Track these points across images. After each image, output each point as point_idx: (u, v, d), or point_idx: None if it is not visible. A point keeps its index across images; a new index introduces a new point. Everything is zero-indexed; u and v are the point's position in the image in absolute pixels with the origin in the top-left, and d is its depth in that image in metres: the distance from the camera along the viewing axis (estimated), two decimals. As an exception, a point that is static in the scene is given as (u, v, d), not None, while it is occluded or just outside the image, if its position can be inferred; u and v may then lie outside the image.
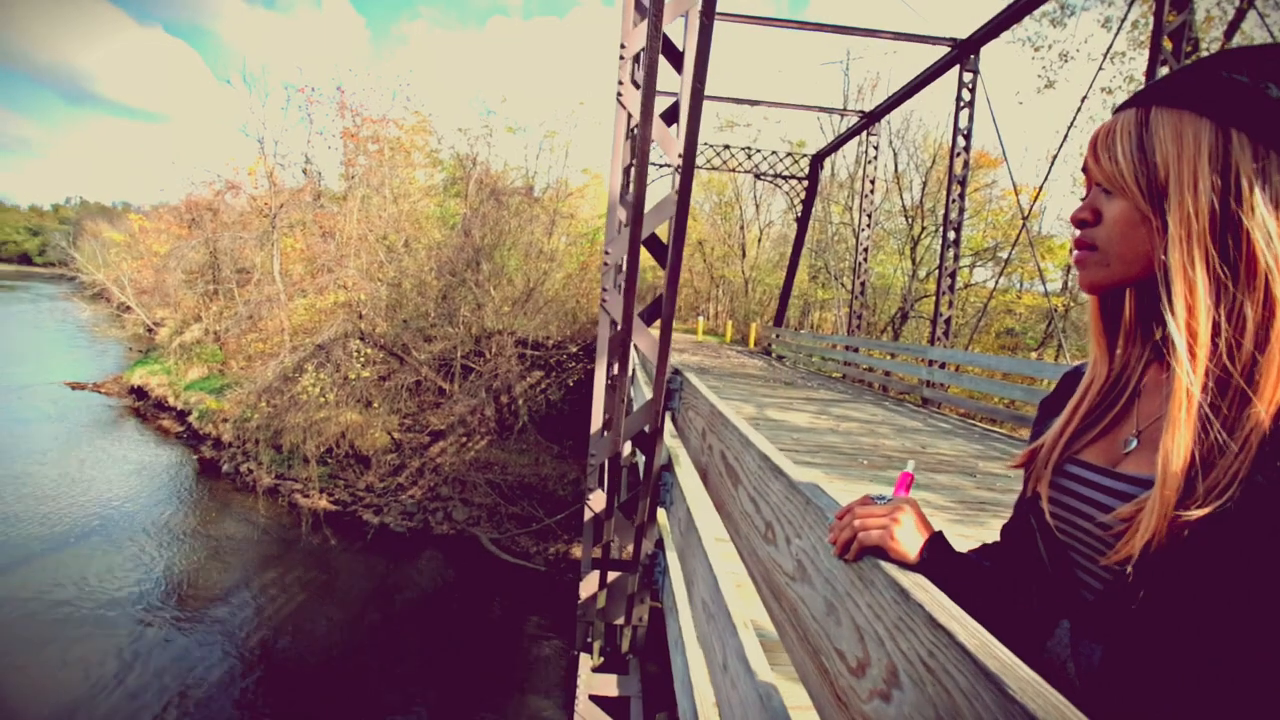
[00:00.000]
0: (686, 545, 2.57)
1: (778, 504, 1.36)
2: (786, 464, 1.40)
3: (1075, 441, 0.82)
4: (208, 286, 22.83)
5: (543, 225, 18.77)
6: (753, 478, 1.57)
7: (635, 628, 3.75)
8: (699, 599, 2.20)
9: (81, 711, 6.87)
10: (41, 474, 13.47)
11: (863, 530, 0.87)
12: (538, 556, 11.55)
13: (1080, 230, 0.77)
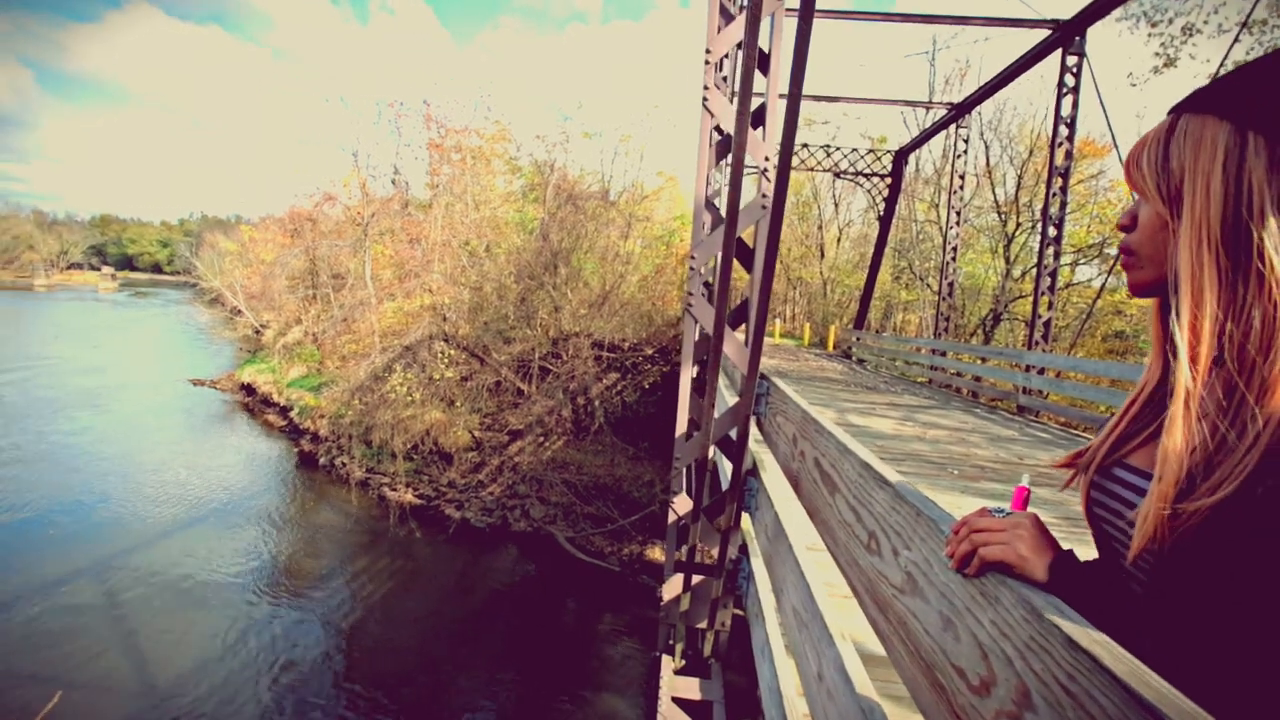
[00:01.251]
0: (774, 552, 2.54)
1: (882, 514, 1.33)
2: (891, 473, 1.38)
3: (1124, 445, 0.83)
4: (307, 291, 24.54)
5: (618, 228, 19.01)
6: (852, 486, 1.55)
7: (718, 632, 3.74)
8: (789, 606, 2.17)
9: (203, 674, 7.54)
10: (172, 461, 14.91)
11: (984, 545, 0.85)
12: (612, 556, 11.68)
13: (1123, 235, 0.81)
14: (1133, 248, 0.79)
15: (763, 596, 2.83)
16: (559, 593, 10.43)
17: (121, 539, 10.79)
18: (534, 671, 8.27)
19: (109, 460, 14.68)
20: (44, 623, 8.32)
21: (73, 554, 10.10)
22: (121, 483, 13.29)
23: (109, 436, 16.55)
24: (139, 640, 8.18)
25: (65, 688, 7.01)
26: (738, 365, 2.98)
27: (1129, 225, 0.80)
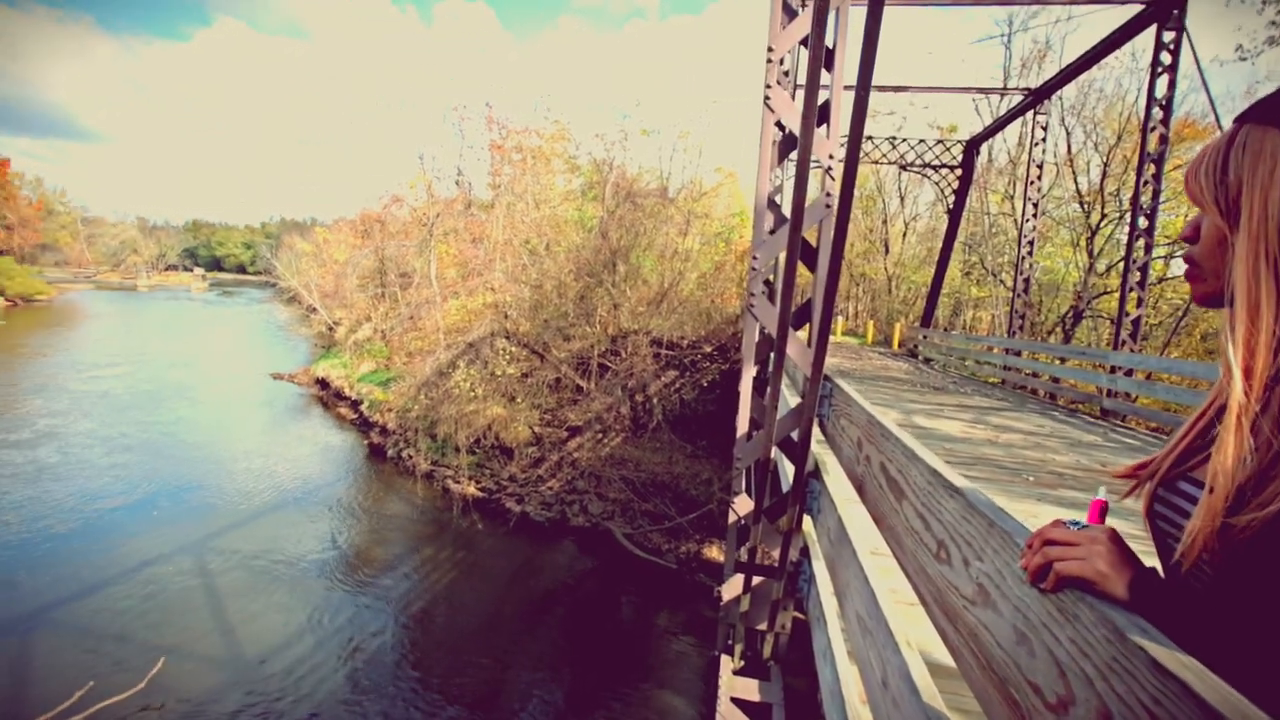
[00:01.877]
0: (838, 556, 2.50)
1: (952, 523, 1.30)
2: (962, 481, 1.35)
3: (1190, 458, 0.81)
4: (376, 290, 25.64)
5: (677, 226, 18.99)
6: (921, 494, 1.52)
7: (778, 635, 3.70)
8: (852, 612, 2.14)
9: (285, 650, 8.03)
10: (257, 451, 15.92)
11: (1060, 560, 0.83)
12: (669, 554, 11.72)
13: (1187, 246, 0.80)
14: (1195, 259, 0.78)
15: (824, 600, 2.79)
16: (616, 588, 10.55)
17: (214, 521, 11.60)
18: (592, 664, 8.40)
19: (202, 449, 15.81)
20: (149, 595, 9.06)
21: (172, 534, 10.94)
22: (213, 470, 14.28)
23: (202, 427, 17.81)
24: (229, 615, 8.79)
25: (168, 654, 7.62)
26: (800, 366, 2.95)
27: (1191, 237, 0.79)
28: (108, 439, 15.73)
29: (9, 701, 6.82)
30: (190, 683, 7.36)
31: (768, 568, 3.52)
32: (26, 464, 13.58)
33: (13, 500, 11.75)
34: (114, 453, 14.78)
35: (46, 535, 10.57)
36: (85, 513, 11.50)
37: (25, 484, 12.53)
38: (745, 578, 3.61)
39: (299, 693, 7.35)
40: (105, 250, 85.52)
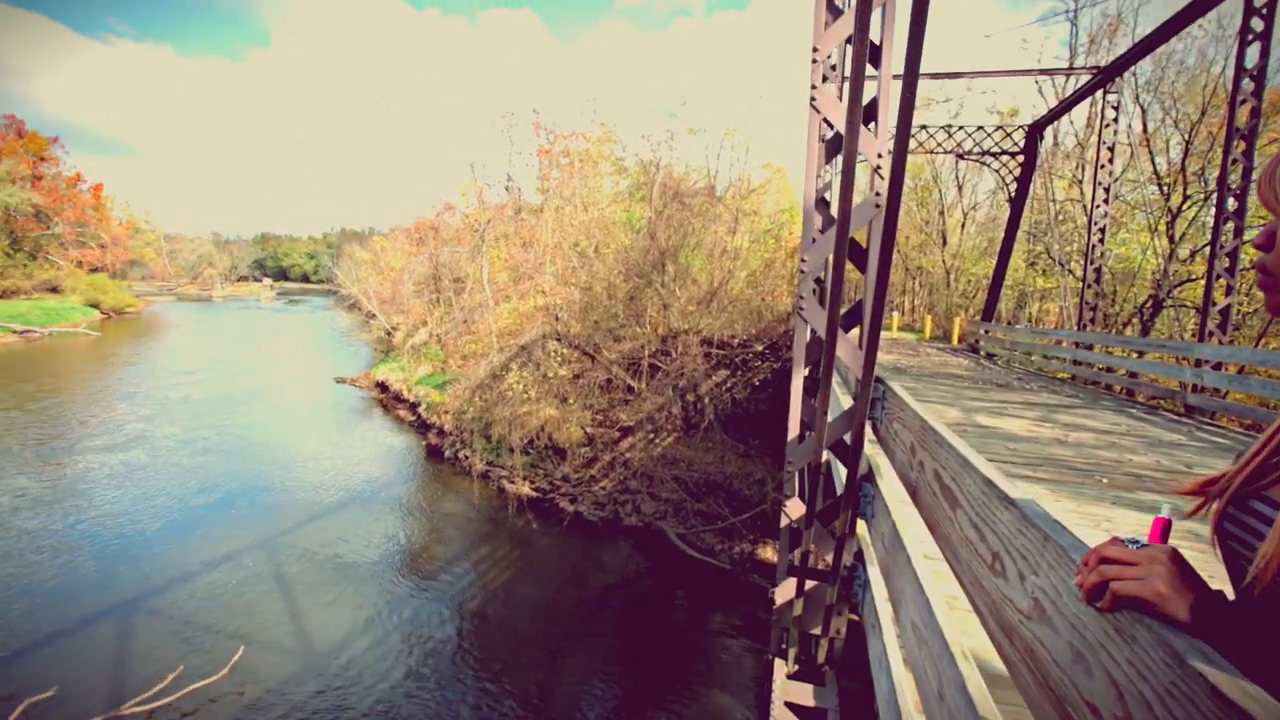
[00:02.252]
0: (892, 562, 2.46)
1: (1007, 535, 1.27)
2: (1017, 491, 1.31)
3: (1265, 476, 0.78)
4: (431, 295, 26.43)
5: (725, 224, 18.87)
6: (975, 503, 1.49)
7: (832, 640, 3.65)
8: (908, 620, 2.10)
9: (352, 642, 8.39)
10: (323, 452, 16.68)
11: (1117, 579, 0.81)
12: (723, 554, 11.66)
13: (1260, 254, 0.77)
14: (1269, 268, 0.75)
15: (879, 606, 2.74)
16: (669, 588, 10.57)
17: (286, 519, 12.22)
18: (645, 664, 8.45)
19: (274, 451, 16.67)
20: (230, 587, 9.64)
21: (249, 531, 11.59)
22: (285, 471, 15.04)
23: (274, 430, 18.78)
24: (301, 608, 9.25)
25: (247, 643, 8.09)
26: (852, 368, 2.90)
27: (1265, 245, 0.75)
28: (190, 442, 16.78)
29: (113, 680, 7.40)
30: (267, 670, 7.79)
31: (821, 572, 3.48)
32: (121, 465, 14.62)
33: (111, 499, 12.69)
34: (196, 455, 15.75)
35: (141, 531, 11.37)
36: (173, 510, 12.32)
37: (121, 484, 13.50)
38: (798, 582, 3.57)
39: (365, 683, 7.68)
40: (184, 264, 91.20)
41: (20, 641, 8.09)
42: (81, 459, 15.03)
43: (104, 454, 15.43)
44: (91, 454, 15.43)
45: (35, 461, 14.79)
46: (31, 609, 8.82)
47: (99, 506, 12.30)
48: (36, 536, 10.94)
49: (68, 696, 7.04)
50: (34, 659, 7.77)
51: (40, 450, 15.69)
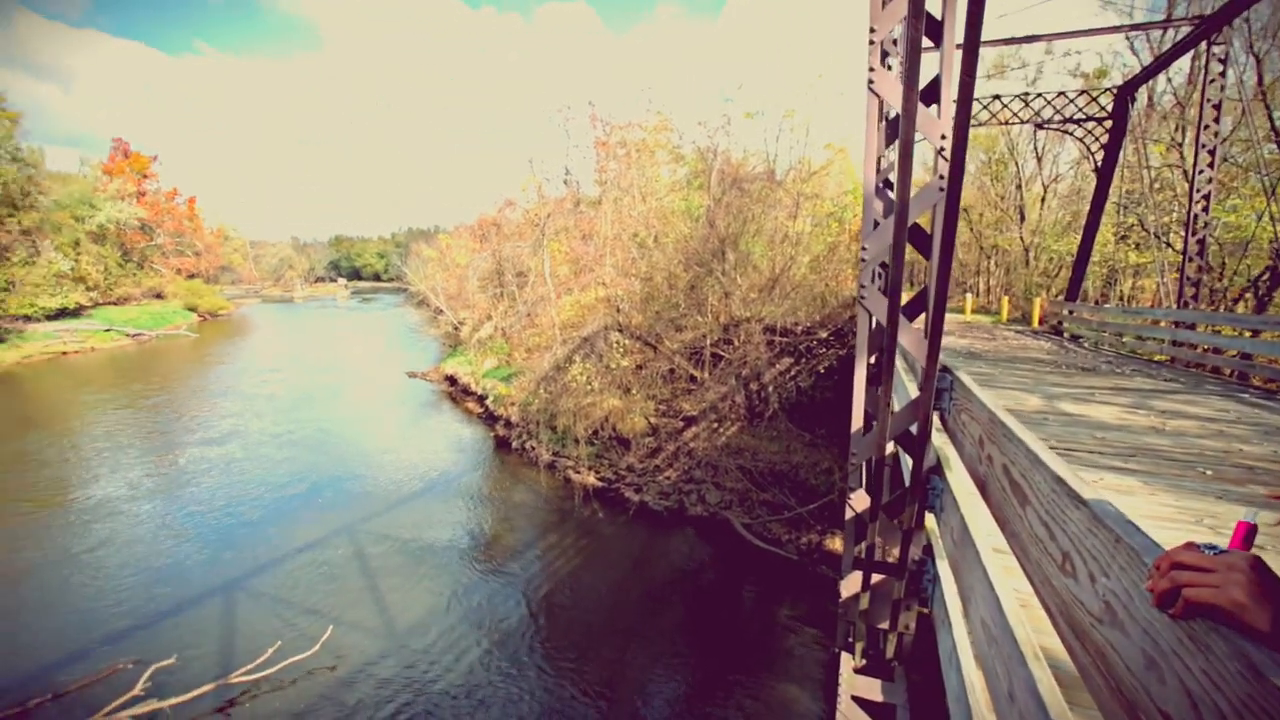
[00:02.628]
0: (961, 558, 2.39)
1: (1078, 535, 1.23)
2: (1088, 490, 1.26)
3: None
4: (495, 290, 27.12)
5: (786, 209, 18.48)
6: (1045, 500, 1.44)
7: (901, 635, 3.57)
8: (977, 617, 2.05)
9: (429, 624, 8.78)
10: (398, 444, 17.48)
11: (1190, 586, 0.78)
12: (789, 544, 11.54)
13: None
14: None
15: (949, 601, 2.67)
16: (735, 578, 10.56)
17: (365, 507, 12.90)
18: (712, 653, 8.49)
19: (354, 443, 17.59)
20: (318, 570, 10.29)
21: (334, 518, 12.31)
22: (363, 462, 15.87)
23: (353, 423, 19.84)
24: (382, 591, 9.78)
25: (334, 623, 8.64)
26: (917, 357, 2.82)
27: None
28: (278, 436, 17.93)
29: (221, 651, 8.07)
30: (354, 648, 8.29)
31: (888, 565, 3.40)
32: (219, 458, 15.80)
33: (213, 489, 13.75)
34: (284, 448, 16.82)
35: (240, 518, 12.28)
36: (267, 500, 13.23)
37: (221, 475, 14.60)
38: (864, 575, 3.51)
39: (443, 664, 8.05)
40: (268, 268, 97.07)
41: (143, 615, 8.96)
42: (186, 453, 16.33)
43: (205, 448, 16.69)
44: (194, 448, 16.73)
45: (148, 455, 16.18)
46: (151, 587, 9.72)
47: (203, 496, 13.35)
48: (152, 523, 11.99)
49: (185, 663, 7.78)
50: (156, 630, 8.59)
51: (151, 445, 17.15)
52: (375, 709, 7.21)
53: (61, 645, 8.23)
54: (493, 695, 7.52)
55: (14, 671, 7.71)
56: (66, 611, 9.03)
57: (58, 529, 11.69)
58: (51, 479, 14.42)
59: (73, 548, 10.92)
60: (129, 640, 8.38)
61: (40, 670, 7.73)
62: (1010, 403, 6.93)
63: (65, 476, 14.63)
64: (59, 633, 8.52)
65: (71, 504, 12.92)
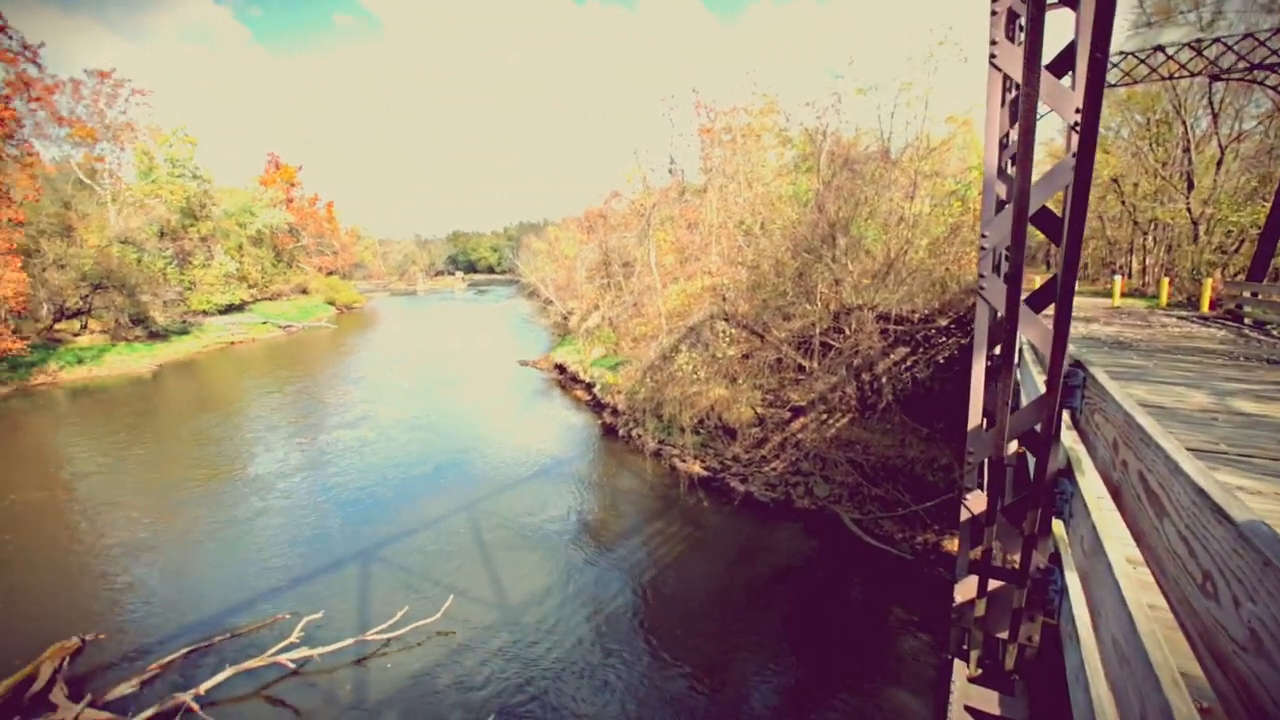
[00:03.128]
0: (1091, 568, 2.20)
1: (1221, 554, 1.12)
2: (1236, 506, 1.14)
3: None
4: (602, 280, 27.73)
5: (902, 189, 17.45)
6: (1184, 513, 1.31)
7: (1023, 647, 3.32)
8: (1107, 634, 1.89)
9: (540, 601, 9.21)
10: (512, 429, 18.45)
11: None
12: (903, 543, 11.02)
13: None
14: None
15: (1077, 615, 2.47)
16: (843, 575, 10.24)
17: (482, 489, 13.74)
18: (815, 649, 8.30)
19: (472, 427, 18.77)
20: (441, 543, 11.12)
21: (454, 497, 13.22)
22: (480, 446, 16.89)
23: (471, 409, 21.17)
24: (497, 567, 10.39)
25: (455, 593, 9.32)
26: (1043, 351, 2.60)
27: None
28: (403, 420, 19.47)
29: (359, 611, 8.98)
30: (471, 618, 8.89)
31: (1007, 571, 3.16)
32: (354, 440, 17.42)
33: (348, 467, 15.21)
34: (410, 431, 18.25)
35: (372, 494, 13.50)
36: (394, 478, 14.45)
37: (354, 455, 16.10)
38: (980, 580, 3.29)
39: (552, 639, 8.45)
40: (394, 263, 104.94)
41: (295, 574, 10.15)
42: (326, 435, 18.14)
43: (341, 430, 18.46)
44: (332, 430, 18.55)
45: (294, 436, 18.17)
46: (300, 551, 10.95)
47: (341, 474, 14.79)
48: (299, 496, 13.46)
49: (329, 619, 8.78)
50: (305, 588, 9.72)
51: (297, 427, 19.24)
52: (488, 677, 7.72)
53: (234, 595, 9.53)
54: (596, 674, 7.80)
55: (200, 613, 9.04)
56: (236, 567, 10.41)
57: (226, 498, 13.43)
58: (220, 455, 16.56)
59: (238, 515, 12.49)
60: (285, 594, 9.53)
61: (219, 614, 9.04)
62: (1168, 399, 6.19)
63: (231, 453, 16.76)
64: (232, 584, 9.85)
65: (236, 477, 14.79)
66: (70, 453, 17.07)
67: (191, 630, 8.62)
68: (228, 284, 44.34)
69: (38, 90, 29.20)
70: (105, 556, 10.84)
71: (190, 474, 14.92)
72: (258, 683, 7.56)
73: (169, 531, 11.71)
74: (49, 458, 16.93)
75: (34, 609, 9.18)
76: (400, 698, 7.36)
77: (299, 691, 7.47)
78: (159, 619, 8.97)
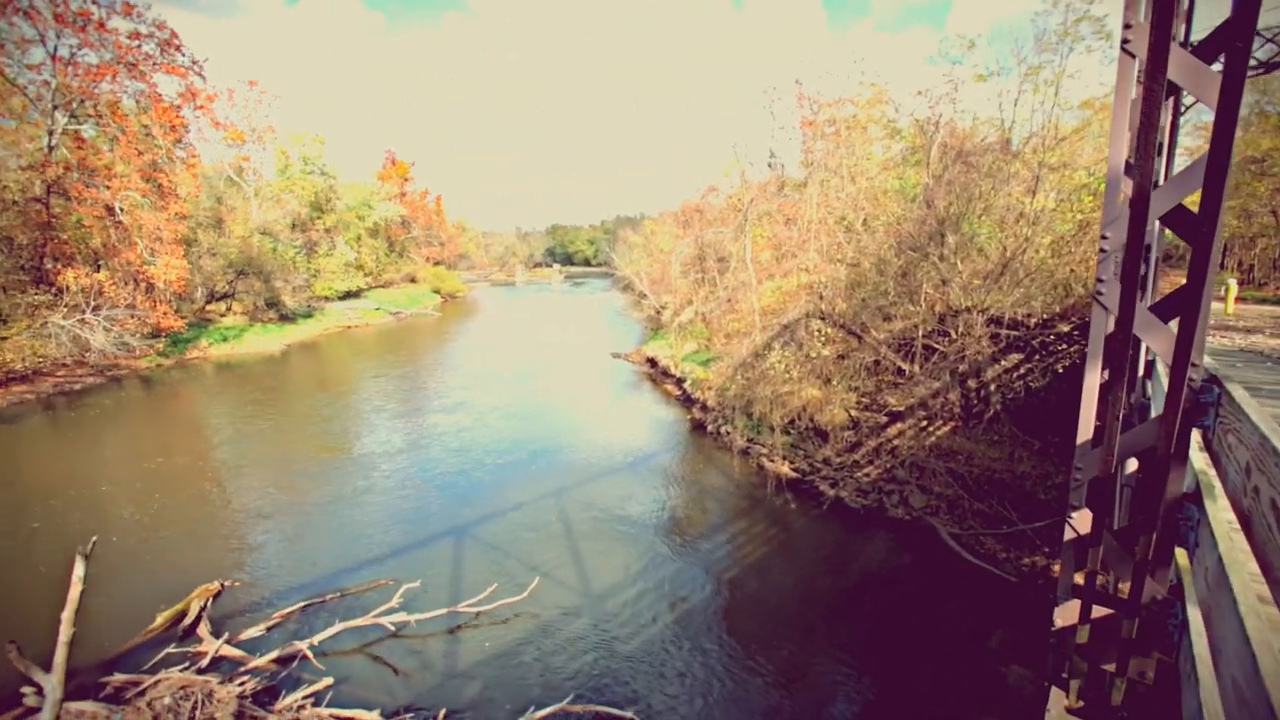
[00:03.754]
0: (1215, 604, 1.99)
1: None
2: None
3: None
4: (697, 275, 27.68)
5: (1023, 183, 16.20)
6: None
7: (1134, 682, 3.02)
8: (1228, 677, 1.72)
9: (620, 590, 9.40)
10: (602, 420, 18.88)
11: None
12: (1008, 564, 10.30)
13: None
14: None
15: (1198, 653, 2.24)
16: (937, 591, 9.71)
17: (571, 476, 14.14)
18: (902, 666, 7.94)
19: (563, 416, 19.35)
20: (530, 527, 11.56)
21: (543, 483, 13.68)
22: (570, 435, 17.39)
23: (563, 398, 21.82)
24: (581, 553, 10.68)
25: (541, 575, 9.70)
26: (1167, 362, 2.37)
27: None
28: (498, 407, 20.35)
29: (452, 584, 9.54)
30: (556, 600, 9.21)
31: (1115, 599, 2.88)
32: (452, 425, 18.40)
33: (446, 450, 16.10)
34: (504, 419, 19.07)
35: (467, 477, 14.24)
36: (488, 463, 15.16)
37: (452, 439, 17.02)
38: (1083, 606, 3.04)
39: (632, 628, 8.60)
40: (495, 255, 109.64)
41: (396, 545, 10.93)
42: (427, 418, 19.28)
43: (441, 415, 19.55)
44: (432, 415, 19.68)
45: (398, 419, 19.45)
46: (401, 524, 11.74)
47: (439, 456, 15.67)
48: (402, 474, 14.39)
49: (426, 588, 9.40)
50: (404, 558, 10.46)
51: (401, 409, 20.59)
52: (569, 659, 7.97)
53: (342, 559, 10.39)
54: (674, 667, 7.87)
55: (314, 575, 9.93)
56: (345, 535, 11.33)
57: (336, 473, 14.60)
58: (332, 432, 18.02)
59: (346, 490, 13.51)
60: (387, 562, 10.29)
61: (330, 575, 9.92)
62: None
63: (341, 431, 18.21)
64: (341, 550, 10.74)
65: (346, 454, 16.04)
66: (211, 421, 19.21)
67: (307, 587, 9.51)
68: (347, 272, 48.14)
69: (201, 99, 32.87)
70: (234, 519, 12.15)
71: (306, 448, 16.36)
72: (361, 640, 8.24)
73: (287, 500, 12.91)
74: (195, 425, 19.13)
75: (179, 558, 10.44)
76: (486, 669, 7.77)
77: (397, 652, 8.06)
78: (280, 575, 9.96)
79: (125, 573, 9.85)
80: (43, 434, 17.61)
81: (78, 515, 11.93)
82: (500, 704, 7.16)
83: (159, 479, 13.98)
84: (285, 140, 46.49)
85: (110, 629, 8.24)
